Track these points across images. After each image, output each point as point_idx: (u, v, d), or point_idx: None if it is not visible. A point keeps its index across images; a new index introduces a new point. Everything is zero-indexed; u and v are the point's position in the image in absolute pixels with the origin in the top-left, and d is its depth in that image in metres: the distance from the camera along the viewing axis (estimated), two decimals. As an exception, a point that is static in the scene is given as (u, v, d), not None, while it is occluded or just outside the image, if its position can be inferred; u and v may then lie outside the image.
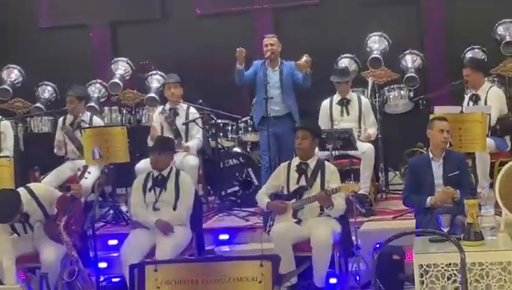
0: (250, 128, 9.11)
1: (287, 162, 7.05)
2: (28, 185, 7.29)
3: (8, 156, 7.92)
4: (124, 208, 8.51)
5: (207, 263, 3.38)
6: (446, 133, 6.73)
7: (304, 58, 8.18)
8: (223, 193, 8.84)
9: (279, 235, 6.53)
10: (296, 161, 6.92)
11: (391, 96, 9.14)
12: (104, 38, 10.81)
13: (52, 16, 10.76)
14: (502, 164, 7.37)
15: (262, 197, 6.93)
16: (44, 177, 8.52)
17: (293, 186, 6.82)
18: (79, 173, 7.21)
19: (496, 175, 7.44)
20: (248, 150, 9.20)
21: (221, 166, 8.88)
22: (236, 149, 9.12)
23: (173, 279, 3.25)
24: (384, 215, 8.00)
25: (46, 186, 7.53)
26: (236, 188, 8.87)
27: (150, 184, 6.97)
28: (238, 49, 8.31)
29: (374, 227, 7.53)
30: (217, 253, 7.43)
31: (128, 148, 7.69)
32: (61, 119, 8.87)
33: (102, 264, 7.24)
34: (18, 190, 6.94)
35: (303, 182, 6.80)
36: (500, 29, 9.27)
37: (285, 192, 6.85)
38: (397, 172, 9.31)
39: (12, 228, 6.84)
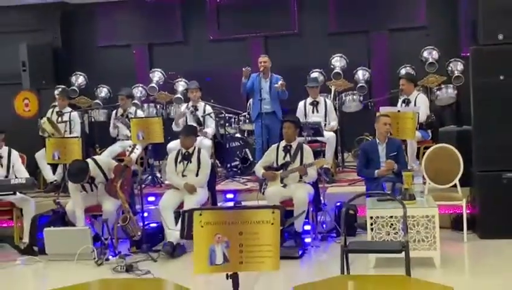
0: (247, 121, 9.06)
1: (276, 144, 7.03)
2: (94, 157, 7.28)
3: (77, 137, 7.92)
4: (158, 175, 8.47)
5: (235, 210, 3.39)
6: (388, 125, 6.77)
7: (280, 82, 8.16)
8: (228, 165, 8.76)
9: (271, 195, 6.55)
10: (282, 143, 6.90)
11: (347, 100, 9.05)
12: (143, 55, 10.66)
13: (107, 37, 10.62)
14: (426, 148, 7.44)
15: (259, 169, 6.90)
16: (102, 153, 8.49)
17: (280, 161, 6.81)
18: (129, 149, 7.16)
19: (421, 156, 7.51)
20: (246, 135, 9.15)
21: (227, 147, 8.81)
22: (238, 135, 9.05)
23: (212, 221, 3.24)
24: (342, 183, 7.99)
25: (107, 158, 7.51)
26: (237, 163, 8.79)
27: (180, 158, 6.93)
28: (245, 68, 8.28)
29: (335, 191, 7.52)
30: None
31: (163, 132, 7.71)
32: (114, 112, 8.84)
33: (144, 214, 7.23)
34: (87, 160, 6.96)
35: (288, 158, 6.78)
36: (425, 53, 9.28)
37: (275, 165, 6.83)
38: (350, 153, 9.30)
39: (82, 187, 6.84)
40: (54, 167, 8.44)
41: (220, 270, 3.25)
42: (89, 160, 6.93)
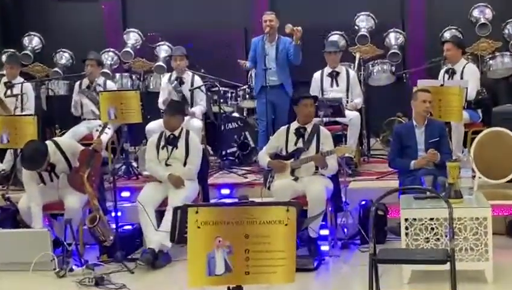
0: (247, 96, 9.16)
1: (286, 126, 7.08)
2: (54, 138, 7.35)
3: (32, 114, 7.98)
4: (134, 164, 8.55)
5: (240, 207, 3.46)
6: (428, 103, 6.81)
7: (294, 28, 8.17)
8: (223, 152, 8.87)
9: (279, 190, 6.58)
10: (294, 124, 6.94)
11: (375, 70, 9.19)
12: (115, 11, 10.75)
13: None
14: (475, 133, 7.49)
15: (264, 157, 6.96)
16: (63, 134, 8.56)
17: (291, 148, 6.84)
18: (99, 129, 7.23)
19: (469, 143, 7.57)
20: (245, 115, 9.25)
21: (222, 129, 8.91)
22: (235, 114, 9.16)
23: (211, 220, 3.31)
24: (367, 176, 8.08)
25: (70, 140, 7.57)
26: (235, 149, 8.93)
27: (162, 143, 6.98)
28: (242, 61, 8.63)
29: (359, 186, 7.62)
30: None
31: (140, 110, 7.79)
32: (77, 83, 8.92)
33: (117, 214, 7.26)
34: (45, 142, 7.02)
35: (300, 144, 6.82)
36: (475, 12, 9.35)
37: (284, 152, 6.88)
38: (378, 139, 9.37)
39: (40, 177, 6.89)
40: (2, 153, 8.51)
41: (220, 283, 3.33)
42: (48, 142, 6.98)
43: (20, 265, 6.39)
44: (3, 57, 9.38)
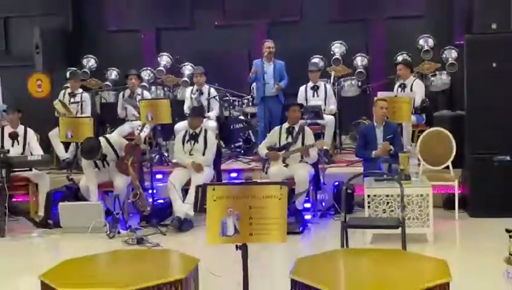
0: (250, 103, 9.10)
1: (279, 126, 7.10)
2: (105, 135, 7.35)
3: (89, 116, 7.99)
4: (166, 154, 8.52)
5: (245, 185, 3.47)
6: (385, 109, 6.84)
7: (276, 86, 8.25)
8: (232, 146, 8.82)
9: (274, 174, 6.64)
10: (285, 125, 6.96)
11: (346, 85, 9.11)
12: (151, 39, 10.66)
13: (116, 21, 10.60)
14: (420, 132, 7.52)
15: (263, 149, 6.99)
16: (112, 132, 8.54)
17: (283, 142, 6.88)
18: (139, 128, 7.24)
19: (416, 139, 7.59)
20: (249, 118, 9.18)
21: (231, 128, 8.86)
22: (241, 117, 9.09)
23: (224, 195, 3.31)
24: (340, 164, 8.06)
25: (118, 136, 7.55)
26: (241, 143, 8.84)
27: (187, 138, 7.00)
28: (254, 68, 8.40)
29: (333, 171, 7.61)
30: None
31: (170, 113, 7.76)
32: (121, 93, 8.88)
33: (153, 191, 7.27)
34: (99, 138, 7.02)
35: (290, 140, 6.86)
36: (421, 41, 9.30)
37: (278, 146, 6.91)
38: (347, 136, 9.37)
39: (95, 164, 6.92)
40: (67, 145, 8.51)
41: (231, 241, 3.33)
42: (101, 138, 6.99)
43: (81, 229, 6.46)
44: (68, 74, 9.35)
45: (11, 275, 5.45)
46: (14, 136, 7.33)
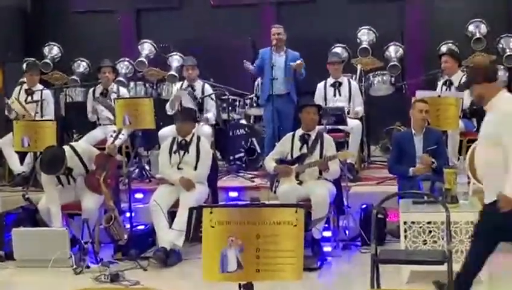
0: (254, 104, 9.15)
1: (292, 132, 7.11)
2: (71, 143, 7.38)
3: (51, 119, 8.03)
4: (147, 167, 8.57)
5: (252, 208, 3.49)
6: (424, 112, 6.84)
7: (298, 61, 8.22)
8: (231, 157, 8.86)
9: (284, 194, 6.61)
10: (299, 131, 6.98)
11: (375, 81, 9.19)
12: (130, 23, 10.78)
13: (85, 1, 10.73)
14: (470, 141, 7.48)
15: (270, 162, 6.98)
16: (80, 139, 8.58)
17: (296, 153, 6.88)
18: (114, 134, 7.27)
19: (465, 150, 7.58)
20: (253, 122, 9.23)
21: (230, 135, 8.91)
22: (243, 121, 9.15)
23: (224, 220, 3.33)
24: (368, 181, 8.08)
25: (86, 145, 7.57)
26: (242, 154, 8.88)
27: (175, 147, 7.01)
28: (246, 63, 8.53)
29: (360, 191, 7.62)
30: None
31: (153, 116, 7.80)
32: (91, 90, 8.94)
33: (131, 214, 7.27)
34: (63, 147, 7.04)
35: (305, 150, 6.86)
36: (471, 27, 9.35)
37: (289, 158, 6.90)
38: (377, 146, 9.41)
39: (58, 179, 6.93)
40: (22, 155, 8.54)
41: (232, 279, 3.35)
42: (65, 147, 7.02)
43: (40, 262, 6.43)
44: (25, 65, 9.41)
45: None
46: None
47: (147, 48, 10.09)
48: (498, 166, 4.64)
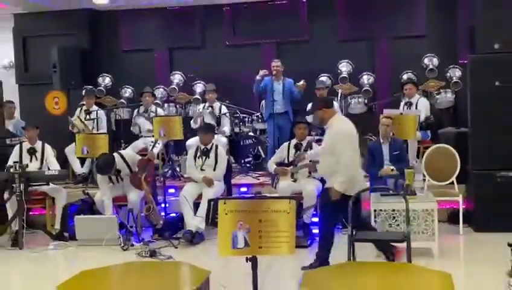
0: (260, 120, 9.12)
1: (287, 142, 7.13)
2: (120, 151, 7.43)
3: (105, 133, 8.08)
4: (178, 169, 8.58)
5: (256, 200, 3.52)
6: (386, 126, 6.88)
7: (302, 82, 8.23)
8: (242, 161, 8.87)
9: (283, 189, 6.66)
10: (294, 141, 7.00)
11: (353, 102, 9.15)
12: (164, 58, 10.72)
13: (131, 41, 10.68)
14: (426, 148, 7.50)
15: (271, 164, 7.02)
16: (126, 148, 8.61)
17: (291, 158, 6.91)
18: (151, 144, 7.32)
19: (421, 155, 7.60)
20: (258, 134, 9.20)
21: (241, 144, 8.91)
22: (251, 133, 9.12)
23: (235, 209, 3.36)
24: (347, 179, 8.09)
25: (131, 152, 7.62)
26: (250, 159, 8.90)
27: (199, 154, 7.05)
28: (262, 71, 8.37)
29: (341, 186, 7.64)
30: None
31: (182, 130, 7.86)
32: (136, 110, 9.01)
33: (165, 205, 7.35)
34: (113, 154, 7.10)
35: (298, 155, 6.89)
36: (426, 60, 9.29)
37: (286, 161, 6.94)
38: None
39: (109, 179, 7.00)
40: (82, 160, 8.60)
41: (241, 254, 3.38)
42: (115, 154, 7.07)
43: (95, 241, 6.52)
44: (84, 92, 9.46)
45: (29, 286, 5.50)
46: (32, 152, 7.43)
47: (177, 77, 10.08)
48: (335, 168, 5.23)
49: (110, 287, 3.84)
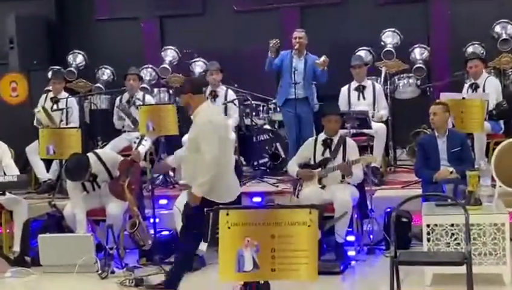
0: (278, 109, 9.17)
1: (314, 137, 7.23)
2: (95, 150, 7.56)
3: (76, 127, 8.23)
4: (171, 174, 8.63)
5: (267, 209, 3.62)
6: (433, 115, 6.92)
7: (323, 58, 8.22)
8: (255, 163, 8.96)
9: (307, 198, 6.68)
10: (322, 136, 7.08)
11: (401, 84, 9.23)
12: (153, 30, 10.89)
13: (110, 8, 10.87)
14: (497, 143, 7.52)
15: (293, 166, 7.10)
16: (104, 146, 8.76)
17: (318, 157, 6.97)
18: (136, 141, 7.43)
19: (491, 153, 7.61)
20: (276, 127, 9.27)
21: (254, 140, 9.01)
22: (267, 126, 9.20)
23: (240, 221, 3.46)
24: (393, 185, 8.14)
25: (110, 152, 7.77)
26: (266, 160, 8.97)
27: (198, 153, 7.19)
28: (273, 40, 8.31)
29: (385, 194, 7.67)
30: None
31: (177, 122, 7.96)
32: (118, 98, 9.12)
33: (155, 220, 7.41)
34: (87, 154, 7.23)
35: (327, 154, 6.94)
36: (497, 28, 9.35)
37: (312, 162, 7.00)
38: (404, 149, 9.36)
39: (83, 186, 7.12)
40: (48, 163, 8.76)
41: (249, 278, 3.49)
42: (89, 154, 7.21)
43: (66, 267, 6.61)
44: (49, 74, 9.62)
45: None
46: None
47: (170, 54, 10.24)
48: (200, 167, 5.47)
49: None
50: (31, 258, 7.02)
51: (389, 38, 9.65)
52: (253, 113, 9.24)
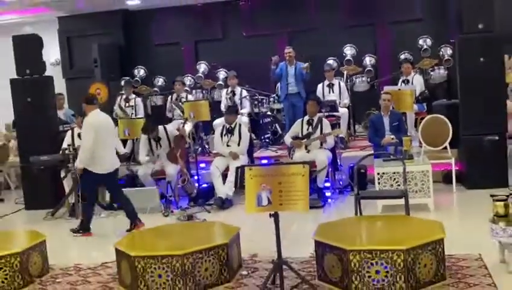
0: (276, 101, 9.24)
1: (301, 118, 7.31)
2: (164, 125, 7.54)
3: (142, 117, 8.35)
4: (207, 146, 8.77)
5: (275, 166, 3.73)
6: (387, 101, 6.99)
7: (306, 64, 8.28)
8: (262, 137, 9.01)
9: (298, 158, 6.82)
10: (306, 117, 7.17)
11: (357, 81, 9.26)
12: (190, 50, 10.89)
13: (161, 36, 10.85)
14: (422, 118, 7.62)
15: (287, 139, 7.21)
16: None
17: (304, 132, 7.08)
18: (182, 123, 7.54)
19: (418, 125, 7.71)
20: (275, 113, 9.31)
21: (260, 122, 9.06)
22: (269, 113, 9.22)
23: (259, 174, 3.55)
24: (354, 149, 8.24)
25: (172, 128, 7.64)
26: (269, 135, 9.01)
27: (224, 132, 7.25)
28: (274, 57, 8.43)
29: (349, 155, 7.78)
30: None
31: (209, 112, 8.07)
32: (169, 97, 9.19)
33: (198, 177, 7.56)
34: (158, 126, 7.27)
35: (310, 130, 7.05)
36: (420, 41, 9.39)
37: (300, 135, 7.11)
38: (360, 124, 9.46)
39: (149, 143, 7.22)
40: (124, 141, 8.86)
41: (265, 210, 3.62)
42: (160, 126, 7.27)
43: (140, 210, 6.59)
44: (122, 82, 9.70)
45: (90, 246, 5.82)
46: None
47: (202, 66, 10.25)
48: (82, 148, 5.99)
49: (158, 244, 4.17)
50: (117, 205, 7.09)
51: (349, 50, 9.66)
52: (260, 104, 9.26)
